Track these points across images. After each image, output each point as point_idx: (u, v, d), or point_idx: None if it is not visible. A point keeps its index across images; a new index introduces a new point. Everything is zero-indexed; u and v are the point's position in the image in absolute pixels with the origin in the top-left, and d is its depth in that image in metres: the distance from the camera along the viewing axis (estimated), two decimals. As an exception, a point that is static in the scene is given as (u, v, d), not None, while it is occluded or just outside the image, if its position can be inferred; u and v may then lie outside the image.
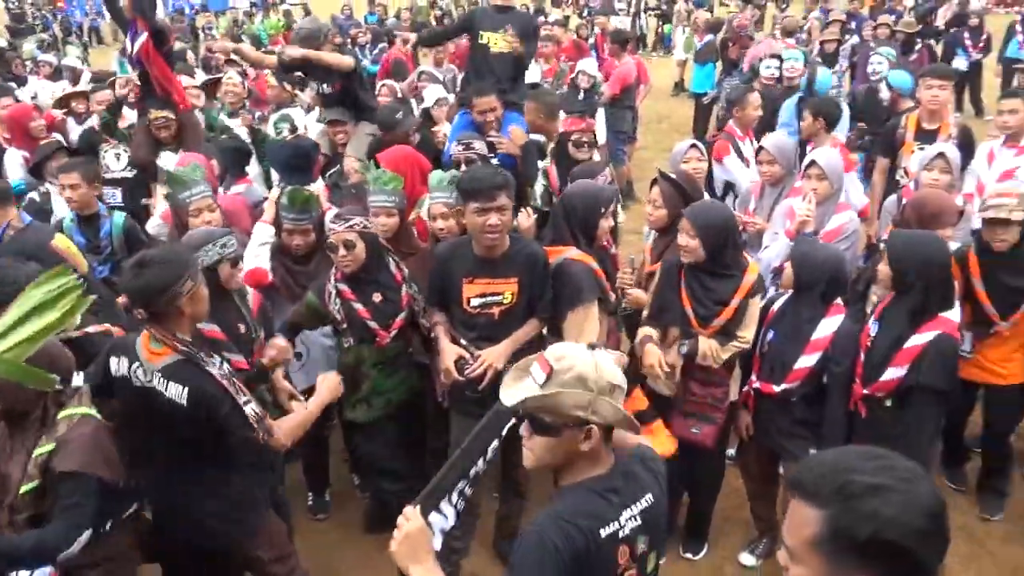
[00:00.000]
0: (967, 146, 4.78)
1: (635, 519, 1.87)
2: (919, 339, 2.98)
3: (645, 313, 3.52)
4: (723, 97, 8.97)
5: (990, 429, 3.96)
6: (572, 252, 3.32)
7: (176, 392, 2.49)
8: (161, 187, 4.45)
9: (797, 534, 1.27)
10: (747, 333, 3.29)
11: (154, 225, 4.24)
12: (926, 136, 5.02)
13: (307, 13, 18.70)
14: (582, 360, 1.84)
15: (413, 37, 6.80)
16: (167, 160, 4.66)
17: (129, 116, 6.09)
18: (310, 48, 5.18)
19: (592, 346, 1.94)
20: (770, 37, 9.67)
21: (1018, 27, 11.82)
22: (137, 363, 2.55)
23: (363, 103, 5.36)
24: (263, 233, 3.81)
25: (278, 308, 3.63)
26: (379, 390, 3.45)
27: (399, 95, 6.68)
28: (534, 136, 4.84)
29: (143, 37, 4.90)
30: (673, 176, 3.75)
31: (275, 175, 4.95)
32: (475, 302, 3.18)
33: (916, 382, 2.98)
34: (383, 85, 6.82)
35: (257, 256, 3.72)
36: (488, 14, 5.66)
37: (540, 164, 4.76)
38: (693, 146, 4.37)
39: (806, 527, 1.25)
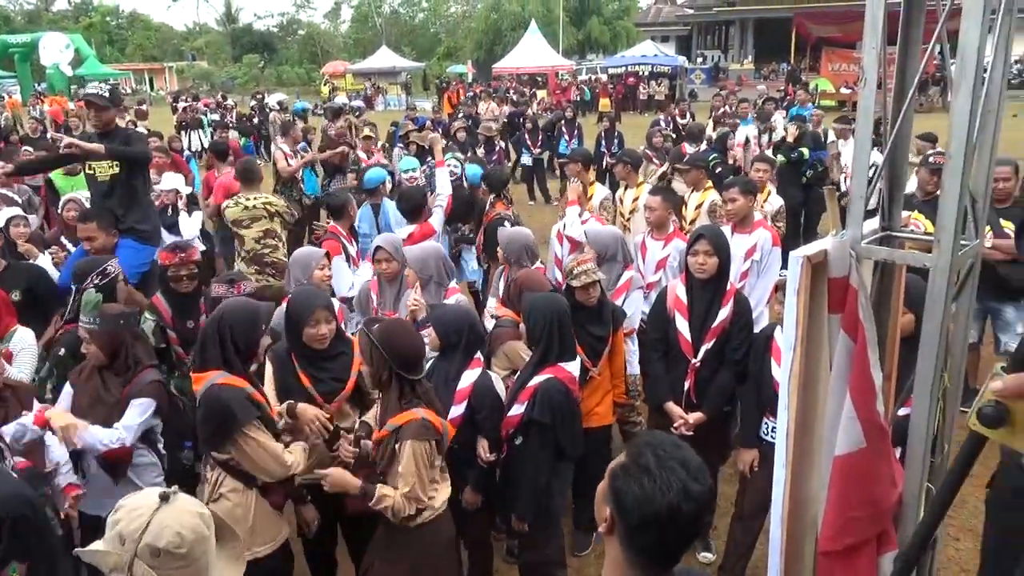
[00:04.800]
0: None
1: None
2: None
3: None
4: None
5: (583, 470, 4.02)
6: (218, 376, 3.05)
7: None
8: None
9: None
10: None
11: None
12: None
13: None
14: (132, 516, 1.74)
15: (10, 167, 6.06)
16: None
17: None
18: None
19: (165, 496, 1.79)
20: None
21: (564, 128, 14.45)
22: None
23: None
24: None
25: None
26: None
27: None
28: None
29: None
30: None
31: None
32: None
33: (530, 417, 3.51)
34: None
35: None
36: (90, 139, 5.34)
37: None
38: None
39: None
